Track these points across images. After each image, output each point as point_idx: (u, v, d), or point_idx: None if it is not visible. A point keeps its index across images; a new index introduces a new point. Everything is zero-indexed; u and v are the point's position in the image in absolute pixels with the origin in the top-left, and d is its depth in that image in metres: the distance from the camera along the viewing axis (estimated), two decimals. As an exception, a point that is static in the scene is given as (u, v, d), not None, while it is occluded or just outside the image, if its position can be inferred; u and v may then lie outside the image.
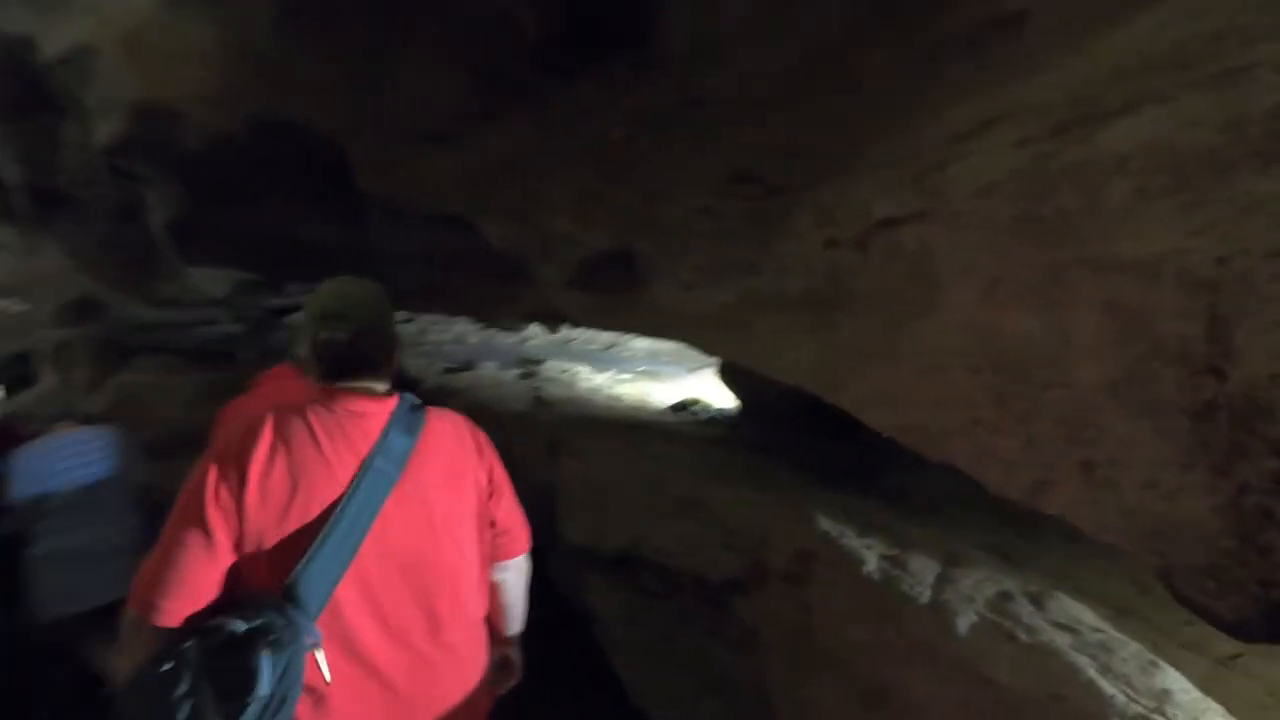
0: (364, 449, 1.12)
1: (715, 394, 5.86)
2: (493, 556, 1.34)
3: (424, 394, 5.43)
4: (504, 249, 4.15)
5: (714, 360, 7.59)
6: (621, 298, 3.90)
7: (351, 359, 1.21)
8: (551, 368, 6.91)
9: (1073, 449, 1.35)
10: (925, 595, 2.11)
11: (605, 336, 8.59)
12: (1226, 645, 2.13)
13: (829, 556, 2.41)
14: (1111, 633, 1.93)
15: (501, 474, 1.38)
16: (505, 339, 8.82)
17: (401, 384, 1.37)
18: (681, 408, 5.40)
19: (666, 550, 3.25)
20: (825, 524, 2.56)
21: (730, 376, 5.14)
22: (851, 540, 2.44)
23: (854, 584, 2.29)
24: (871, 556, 2.33)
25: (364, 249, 4.72)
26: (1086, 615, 2.05)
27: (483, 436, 1.41)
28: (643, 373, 7.02)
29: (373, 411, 1.19)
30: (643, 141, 2.43)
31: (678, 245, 3.28)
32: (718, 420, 5.19)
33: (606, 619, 3.74)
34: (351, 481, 1.08)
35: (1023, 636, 1.86)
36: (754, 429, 4.89)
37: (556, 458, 4.24)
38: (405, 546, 1.12)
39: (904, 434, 1.86)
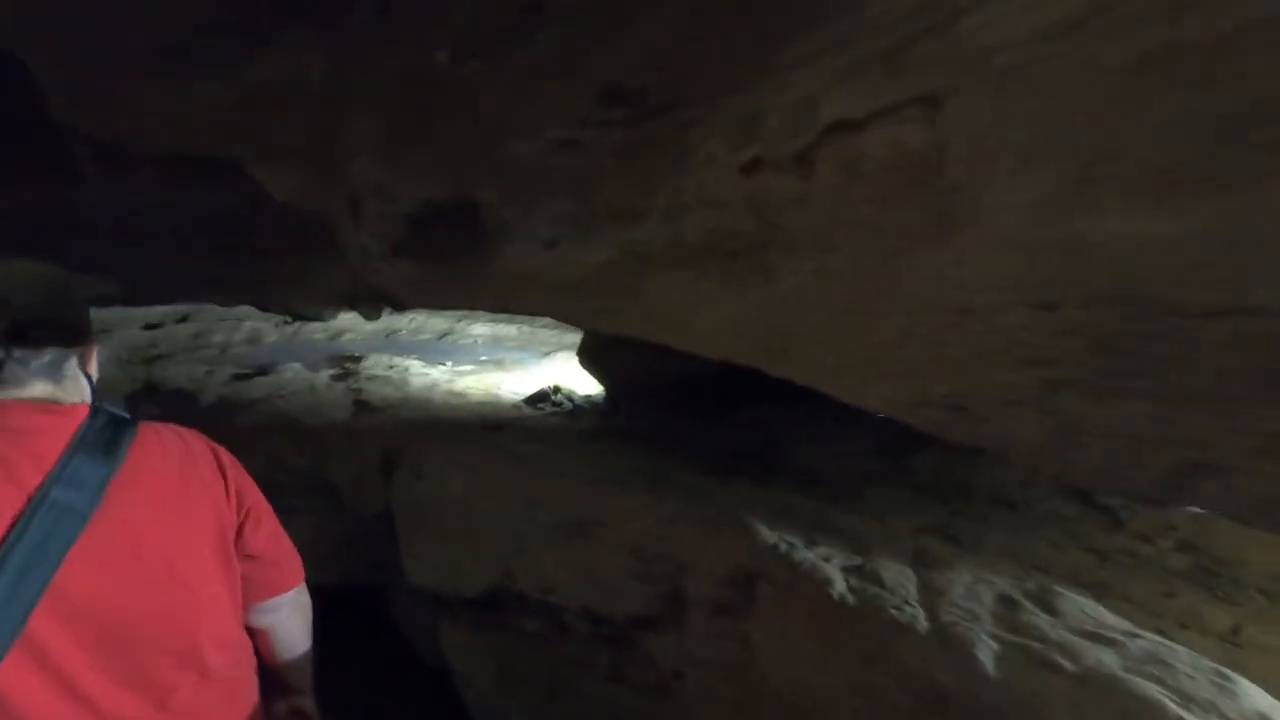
0: (31, 478, 0.86)
1: (575, 380, 5.17)
2: (251, 596, 1.11)
3: (201, 411, 4.16)
4: (296, 207, 3.11)
5: (569, 342, 6.92)
6: (462, 266, 3.06)
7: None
8: (374, 365, 5.80)
9: (1243, 414, 0.84)
10: (920, 619, 1.60)
11: (438, 323, 7.52)
12: (1222, 617, 1.89)
13: (780, 576, 1.85)
14: (1148, 637, 1.54)
15: (255, 497, 1.13)
16: (313, 333, 7.42)
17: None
18: (540, 399, 4.65)
19: (550, 584, 2.53)
20: (765, 534, 2.00)
21: (592, 358, 4.48)
22: (803, 552, 1.89)
23: (819, 611, 1.74)
24: (835, 572, 1.80)
25: (83, 218, 3.40)
26: (1105, 615, 1.66)
27: (225, 455, 1.14)
28: (486, 363, 6.15)
29: (45, 428, 0.92)
30: (474, 64, 1.82)
31: (533, 192, 2.57)
32: (584, 410, 4.52)
33: (471, 673, 2.94)
34: (14, 522, 0.82)
35: (1067, 665, 1.40)
36: (628, 416, 4.29)
37: (391, 476, 3.31)
38: (106, 601, 0.88)
39: (914, 412, 1.31)
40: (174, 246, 3.49)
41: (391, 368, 5.72)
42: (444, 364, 5.92)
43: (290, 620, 1.24)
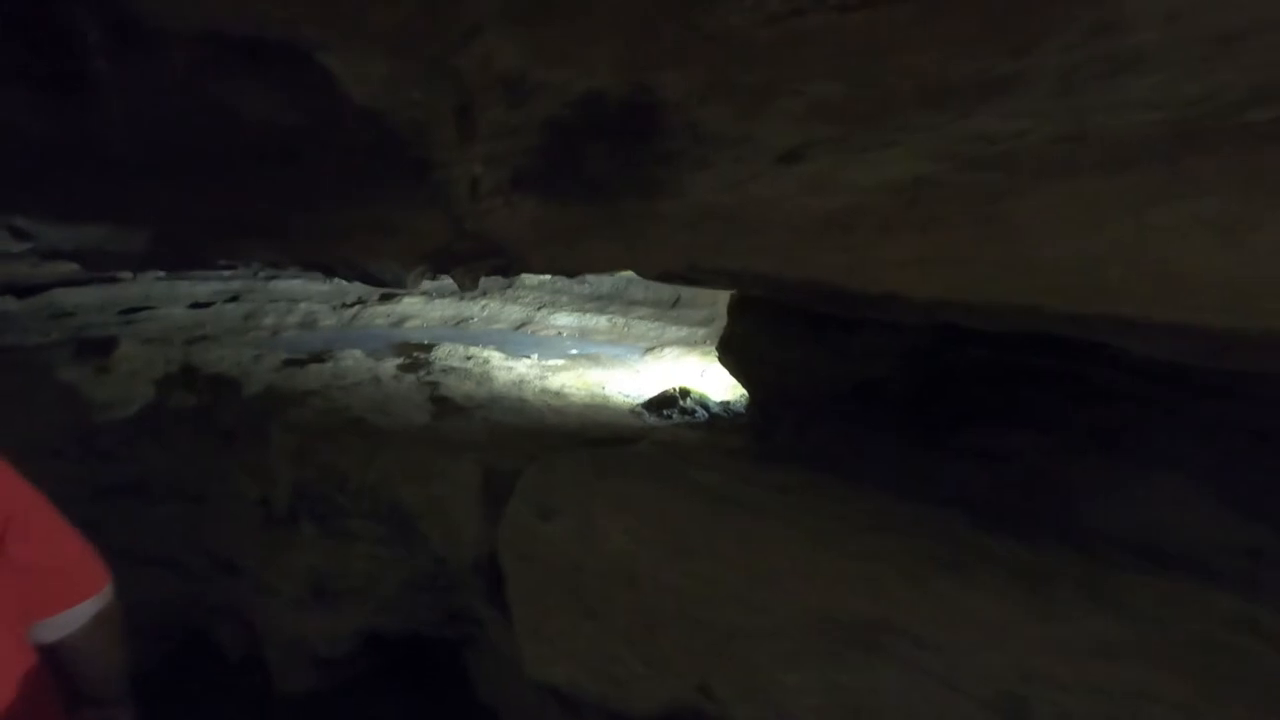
0: None
1: (695, 382, 4.11)
2: (33, 612, 1.02)
3: (245, 402, 3.23)
4: (380, 116, 2.13)
5: (672, 337, 5.87)
6: (625, 204, 2.04)
7: None
8: (447, 355, 4.85)
9: None
10: None
11: (514, 312, 6.56)
12: None
13: None
14: None
15: (23, 501, 1.02)
16: (373, 319, 6.55)
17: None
18: (665, 404, 3.61)
19: (796, 725, 1.47)
20: None
21: (743, 354, 3.42)
22: None
23: None
24: None
25: (96, 142, 2.48)
26: None
27: None
28: (577, 357, 5.15)
29: None
30: None
31: (761, 76, 1.61)
32: (725, 420, 3.46)
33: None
34: None
35: None
36: (794, 431, 3.21)
37: (497, 509, 2.30)
38: None
39: None
40: (212, 180, 2.54)
41: (469, 359, 4.76)
42: (529, 357, 4.96)
43: (91, 636, 1.10)
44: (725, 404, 3.69)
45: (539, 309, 6.79)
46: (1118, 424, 2.45)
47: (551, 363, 4.85)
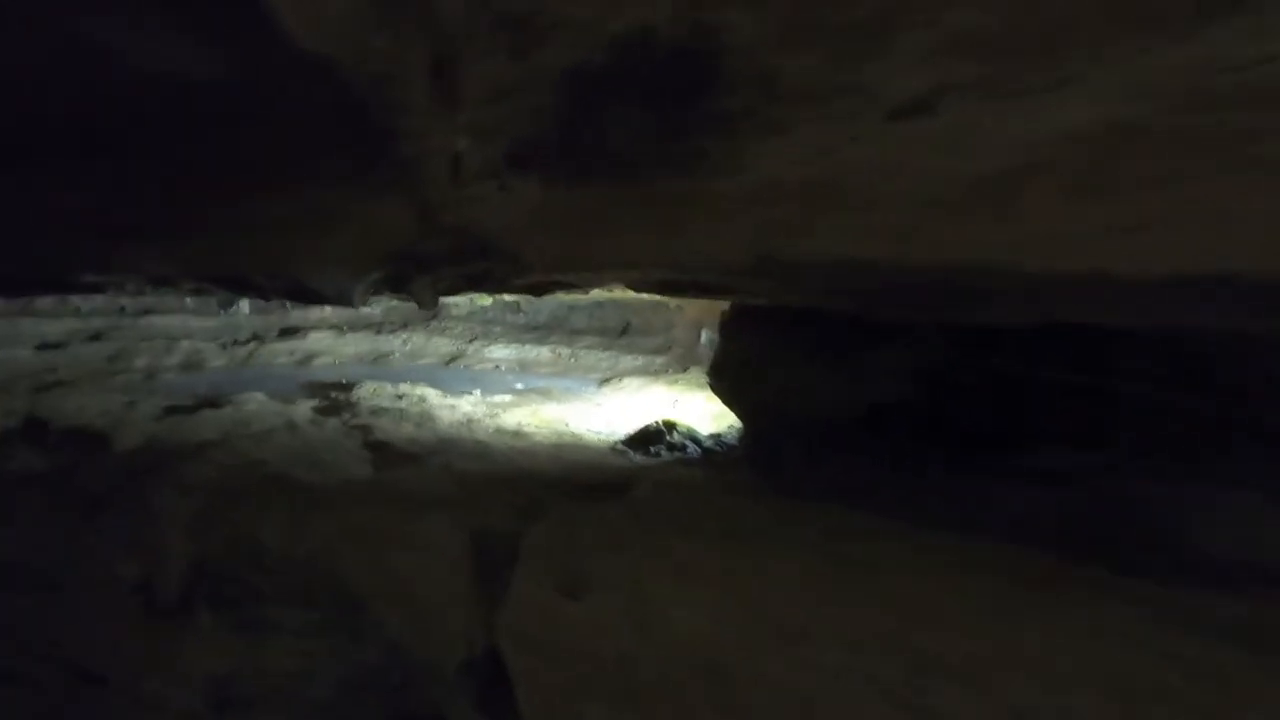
0: None
1: (670, 412, 3.69)
2: None
3: (118, 458, 2.45)
4: (332, 69, 1.60)
5: (627, 367, 5.35)
6: (667, 184, 1.60)
7: None
8: (372, 394, 4.17)
9: None
10: None
11: (442, 345, 5.89)
12: None
13: None
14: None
15: None
16: (273, 357, 5.71)
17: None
18: (650, 440, 3.15)
19: None
20: None
21: (737, 382, 3.02)
22: None
23: None
24: None
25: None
26: None
27: None
28: (525, 392, 4.59)
29: None
30: None
31: (867, 9, 1.15)
32: (720, 455, 3.03)
33: None
34: None
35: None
36: (806, 464, 2.83)
37: (492, 584, 1.74)
38: None
39: None
40: (78, 160, 1.90)
41: (401, 398, 4.08)
42: (469, 393, 4.34)
43: None
44: (715, 436, 3.28)
45: (470, 341, 6.13)
46: (1176, 439, 2.24)
47: (497, 399, 4.26)
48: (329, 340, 5.90)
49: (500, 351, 5.69)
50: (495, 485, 2.45)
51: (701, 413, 3.81)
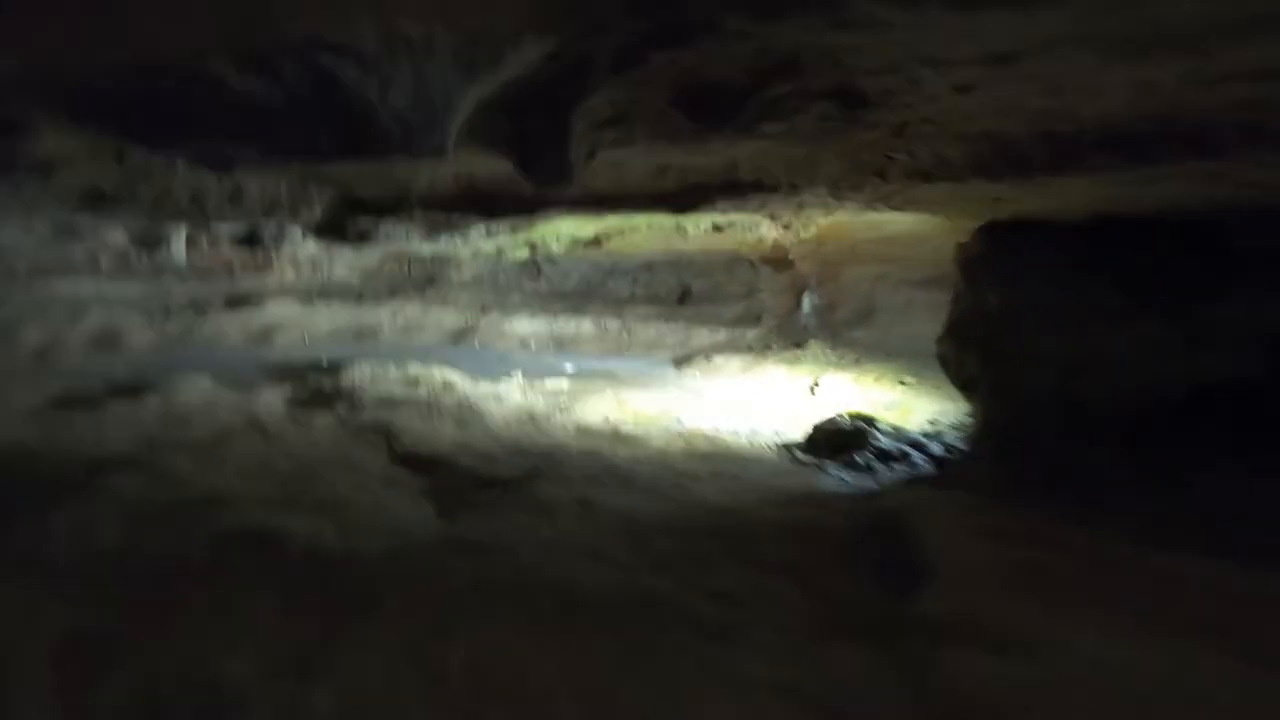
0: None
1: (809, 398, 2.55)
2: None
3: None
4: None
5: (705, 343, 3.89)
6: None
7: None
8: (375, 378, 2.91)
9: None
10: None
11: (447, 318, 4.57)
12: None
13: None
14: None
15: None
16: (219, 332, 4.36)
17: None
18: (843, 443, 1.98)
19: None
20: None
21: (986, 351, 1.90)
22: None
23: None
24: None
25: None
26: None
27: None
28: (585, 374, 3.40)
29: None
30: None
31: None
32: (967, 468, 1.90)
33: None
34: None
35: None
36: (1103, 483, 1.72)
37: None
38: None
39: None
40: None
41: (417, 383, 2.81)
42: (508, 377, 3.09)
43: None
44: (933, 436, 2.16)
45: (482, 313, 4.75)
46: None
47: (550, 385, 3.03)
48: (294, 311, 4.54)
49: (524, 325, 4.43)
50: (702, 548, 1.26)
51: (862, 401, 2.69)
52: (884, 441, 2.04)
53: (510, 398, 2.74)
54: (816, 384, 3.05)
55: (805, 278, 3.80)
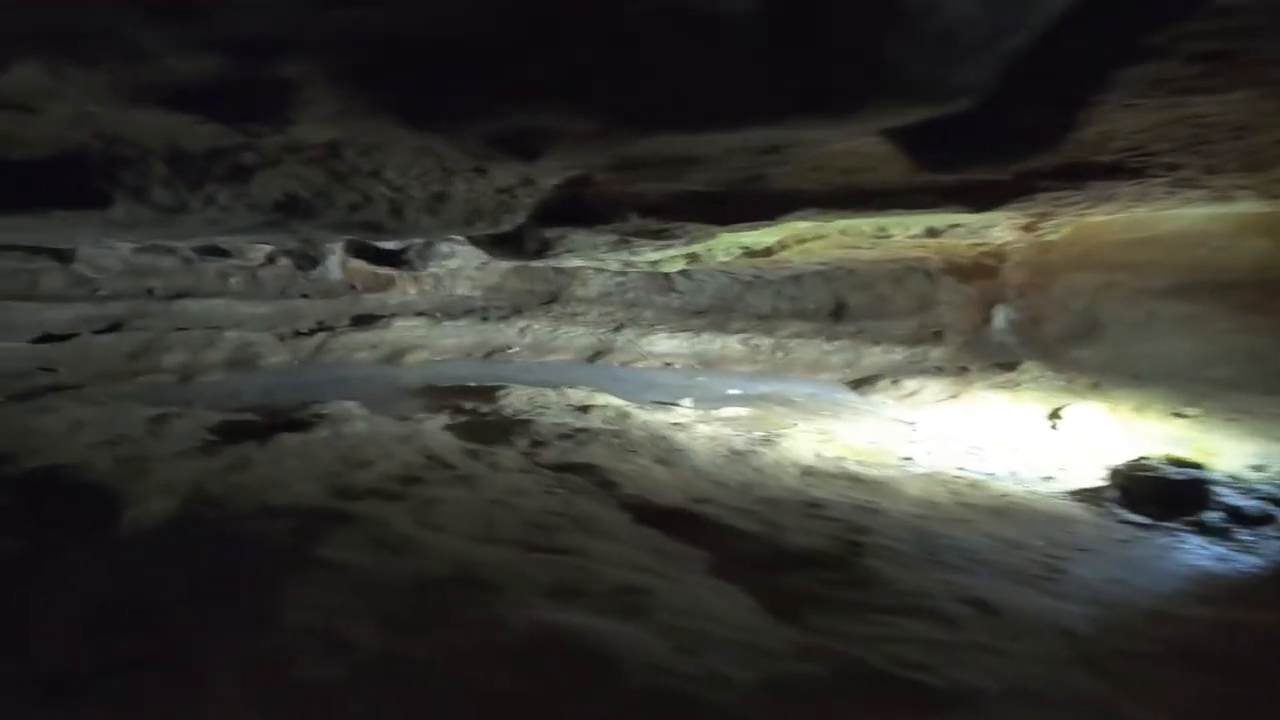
0: None
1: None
2: None
3: (122, 550, 1.09)
4: None
5: (897, 360, 3.36)
6: None
7: None
8: (540, 405, 2.62)
9: None
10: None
11: (578, 336, 4.30)
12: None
13: None
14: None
15: None
16: (348, 351, 4.22)
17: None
18: (1176, 500, 1.50)
19: None
20: None
21: None
22: None
23: None
24: None
25: None
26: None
27: None
28: (750, 401, 3.02)
29: None
30: None
31: None
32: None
33: None
34: None
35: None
36: None
37: None
38: None
39: None
40: None
41: (587, 410, 2.51)
42: (678, 404, 2.76)
43: None
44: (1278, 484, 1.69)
45: (616, 330, 4.45)
46: None
47: (727, 412, 2.67)
48: (420, 330, 4.38)
49: (664, 343, 4.10)
50: (1181, 679, 0.84)
51: (1128, 436, 2.21)
52: (1232, 496, 1.57)
53: (694, 428, 2.39)
54: (1058, 415, 2.56)
55: (1001, 289, 3.31)
